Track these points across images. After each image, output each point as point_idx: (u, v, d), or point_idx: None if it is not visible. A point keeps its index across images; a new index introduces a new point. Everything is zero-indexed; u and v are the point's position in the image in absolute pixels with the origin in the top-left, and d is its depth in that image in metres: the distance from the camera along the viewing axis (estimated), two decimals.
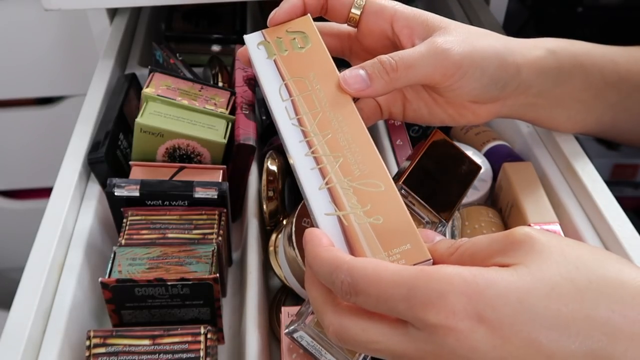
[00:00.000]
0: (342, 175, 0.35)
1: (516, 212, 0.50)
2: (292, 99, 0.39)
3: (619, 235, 0.44)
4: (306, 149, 0.36)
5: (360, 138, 0.36)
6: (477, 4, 0.74)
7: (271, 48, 0.41)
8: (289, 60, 0.40)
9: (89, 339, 0.40)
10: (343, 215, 0.34)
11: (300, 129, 0.37)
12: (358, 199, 0.34)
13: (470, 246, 0.31)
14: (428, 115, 0.46)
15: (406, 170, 0.41)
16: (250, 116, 0.54)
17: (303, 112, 0.38)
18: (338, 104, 0.38)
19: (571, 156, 0.50)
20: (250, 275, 0.46)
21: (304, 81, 0.39)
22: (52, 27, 0.84)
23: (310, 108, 0.38)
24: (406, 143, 0.57)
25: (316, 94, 0.38)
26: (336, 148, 0.36)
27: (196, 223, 0.47)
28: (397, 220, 0.33)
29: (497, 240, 0.31)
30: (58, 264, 0.45)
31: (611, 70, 0.48)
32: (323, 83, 0.39)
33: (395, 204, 0.34)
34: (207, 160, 0.51)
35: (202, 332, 0.41)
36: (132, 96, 0.59)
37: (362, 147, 0.36)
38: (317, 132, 0.37)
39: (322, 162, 0.36)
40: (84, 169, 0.52)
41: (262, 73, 0.40)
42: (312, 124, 0.37)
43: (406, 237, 0.33)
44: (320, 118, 0.37)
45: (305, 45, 0.41)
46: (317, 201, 0.35)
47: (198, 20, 0.75)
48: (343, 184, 0.35)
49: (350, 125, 0.37)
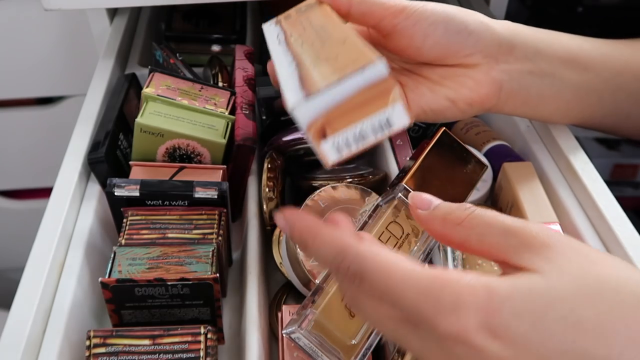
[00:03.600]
0: (311, 50, 0.36)
1: (516, 212, 0.50)
2: (284, 31, 0.41)
3: (619, 235, 0.44)
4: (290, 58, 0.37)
5: (330, 24, 0.38)
6: (477, 4, 0.74)
7: (279, 19, 0.44)
8: (291, 20, 0.43)
9: (89, 339, 0.40)
10: (298, 60, 0.35)
11: (285, 42, 0.39)
12: (316, 51, 0.35)
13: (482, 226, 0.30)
14: (430, 93, 0.45)
15: (410, 170, 0.41)
16: (250, 116, 0.54)
17: (291, 35, 0.40)
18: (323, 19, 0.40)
19: (571, 156, 0.50)
20: (250, 275, 0.46)
21: (298, 22, 0.42)
22: (52, 27, 0.84)
23: (298, 33, 0.40)
24: (406, 143, 0.57)
25: (305, 22, 0.41)
26: (308, 37, 0.38)
27: (196, 223, 0.47)
28: (344, 47, 0.33)
29: (513, 235, 0.29)
30: (58, 264, 0.45)
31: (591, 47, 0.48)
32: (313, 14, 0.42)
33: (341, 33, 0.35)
34: (207, 160, 0.51)
35: (202, 332, 0.41)
36: (132, 96, 0.59)
37: (331, 25, 0.38)
38: (296, 37, 0.39)
39: (297, 55, 0.37)
40: (84, 169, 0.52)
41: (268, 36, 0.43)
42: (295, 38, 0.39)
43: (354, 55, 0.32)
44: (303, 31, 0.40)
45: (309, 9, 0.43)
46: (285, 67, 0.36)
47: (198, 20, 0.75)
48: (306, 52, 0.36)
49: (332, 28, 0.38)
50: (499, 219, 0.30)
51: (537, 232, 0.29)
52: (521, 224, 0.30)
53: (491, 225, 0.30)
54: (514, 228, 0.30)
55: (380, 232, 0.41)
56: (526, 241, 0.29)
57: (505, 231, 0.30)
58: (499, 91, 0.46)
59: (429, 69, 0.45)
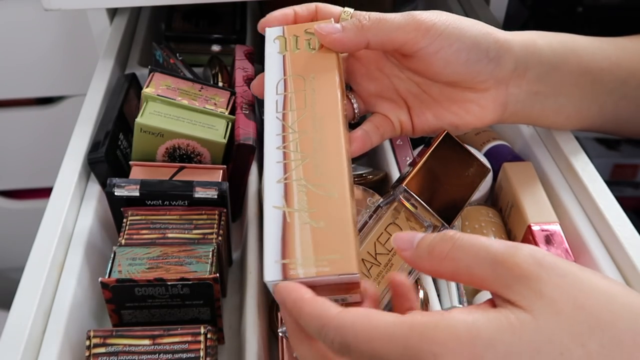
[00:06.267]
0: (302, 174, 0.35)
1: (516, 212, 0.50)
2: (285, 94, 0.39)
3: (619, 235, 0.44)
4: (279, 142, 0.37)
5: (333, 144, 0.37)
6: (477, 4, 0.74)
7: (284, 44, 0.42)
8: (297, 59, 0.41)
9: (89, 338, 0.40)
10: (289, 211, 0.34)
11: (282, 123, 0.38)
12: (308, 200, 0.34)
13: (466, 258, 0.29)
14: (434, 118, 0.45)
15: (411, 172, 0.41)
16: (250, 116, 0.54)
17: (290, 108, 0.39)
18: (326, 107, 0.38)
19: (571, 156, 0.50)
20: (250, 275, 0.46)
21: (302, 80, 0.40)
22: (52, 27, 0.84)
23: (298, 106, 0.39)
24: (406, 143, 0.57)
25: (309, 94, 0.39)
26: (307, 148, 0.37)
27: (196, 223, 0.47)
28: (338, 229, 0.33)
29: (501, 266, 0.28)
30: (58, 264, 0.45)
31: (601, 56, 0.48)
32: (319, 85, 0.39)
33: (342, 213, 0.34)
34: (207, 160, 0.51)
35: (202, 332, 0.41)
36: (132, 96, 0.59)
37: (331, 153, 0.36)
38: (295, 129, 0.38)
39: (289, 157, 0.36)
40: (84, 169, 0.52)
41: (268, 65, 0.41)
42: (293, 121, 0.38)
43: (340, 247, 0.32)
44: (304, 117, 0.38)
45: (317, 47, 0.42)
46: (271, 192, 0.35)
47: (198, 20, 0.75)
48: (300, 182, 0.35)
49: (329, 130, 0.37)
50: (485, 248, 0.29)
51: (525, 260, 0.28)
52: (508, 251, 0.28)
53: (477, 255, 0.29)
54: (501, 257, 0.28)
55: (379, 233, 0.41)
56: (514, 272, 0.28)
57: (492, 261, 0.28)
58: (502, 113, 0.46)
59: (439, 88, 0.45)
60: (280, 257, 0.32)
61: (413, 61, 0.43)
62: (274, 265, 0.32)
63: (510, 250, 0.29)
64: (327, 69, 0.40)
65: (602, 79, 0.48)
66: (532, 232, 0.47)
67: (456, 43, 0.42)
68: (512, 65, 0.44)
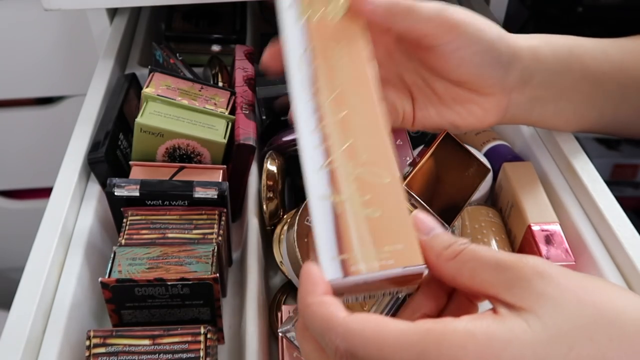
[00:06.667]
0: (347, 158, 0.32)
1: (516, 212, 0.50)
2: (313, 67, 0.36)
3: (619, 235, 0.44)
4: (314, 124, 0.34)
5: (374, 123, 0.34)
6: (477, 4, 0.74)
7: (303, 9, 0.38)
8: (319, 25, 0.37)
9: (89, 339, 0.40)
10: (339, 201, 0.31)
11: (315, 101, 0.35)
12: (358, 187, 0.32)
13: (473, 262, 0.29)
14: (436, 116, 0.45)
15: (411, 172, 0.41)
16: (250, 116, 0.54)
17: (322, 83, 0.35)
18: (360, 83, 0.35)
19: (571, 156, 0.50)
20: (250, 275, 0.46)
21: (330, 50, 0.36)
22: (52, 27, 0.84)
23: (329, 80, 0.35)
24: (406, 143, 0.56)
25: (340, 67, 0.36)
26: (347, 129, 0.33)
27: (196, 223, 0.47)
28: (395, 217, 0.31)
29: (505, 270, 0.28)
30: (58, 264, 0.45)
31: (604, 60, 0.48)
32: (349, 56, 0.36)
33: (396, 199, 0.31)
34: (207, 160, 0.51)
35: (202, 332, 0.41)
36: (132, 96, 0.59)
37: (375, 133, 0.33)
38: (331, 107, 0.34)
39: (328, 140, 0.33)
40: (84, 169, 0.52)
41: (288, 34, 0.37)
42: (327, 98, 0.35)
43: (401, 236, 0.30)
44: (338, 93, 0.35)
45: (340, 12, 0.38)
46: (314, 182, 0.32)
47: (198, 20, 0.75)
48: (346, 168, 0.32)
49: (367, 108, 0.34)
50: (492, 254, 0.29)
51: (528, 264, 0.28)
52: (515, 257, 0.29)
53: (483, 260, 0.29)
54: (506, 262, 0.29)
55: None
56: (518, 274, 0.28)
57: (497, 266, 0.29)
58: (503, 117, 0.46)
59: (444, 86, 0.44)
60: (337, 252, 0.30)
61: (428, 54, 0.43)
62: (331, 262, 0.30)
63: (515, 257, 0.29)
64: (355, 38, 0.37)
65: (604, 83, 0.48)
66: (532, 232, 0.47)
67: (475, 45, 0.41)
68: (518, 73, 0.44)
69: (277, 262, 0.51)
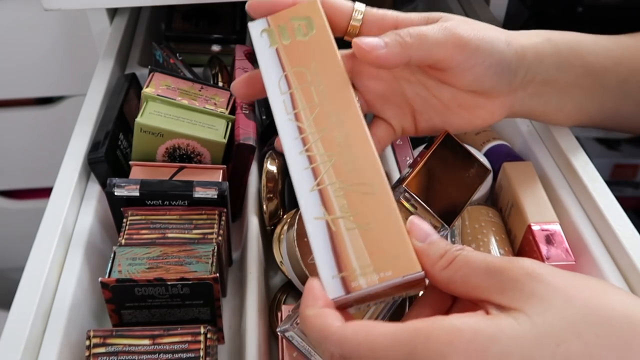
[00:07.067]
0: (335, 176, 0.33)
1: (516, 212, 0.50)
2: (290, 92, 0.37)
3: (619, 235, 0.44)
4: (301, 146, 0.35)
5: (357, 135, 0.34)
6: (477, 4, 0.74)
7: (274, 36, 0.39)
8: (291, 50, 0.38)
9: (89, 338, 0.40)
10: (332, 219, 0.32)
11: (297, 124, 0.35)
12: (348, 203, 0.32)
13: (465, 268, 0.30)
14: (441, 123, 0.44)
15: (411, 173, 0.41)
16: (250, 116, 0.54)
17: (301, 106, 0.36)
18: (338, 98, 0.36)
19: (571, 156, 0.50)
20: (250, 275, 0.46)
21: (304, 72, 0.37)
22: (52, 27, 0.84)
23: (308, 102, 0.36)
24: (406, 143, 0.57)
25: (316, 86, 0.36)
26: (330, 146, 0.34)
27: (196, 223, 0.47)
28: (388, 227, 0.31)
29: (495, 273, 0.29)
30: (58, 264, 0.45)
31: (605, 56, 0.48)
32: (324, 74, 0.37)
33: (387, 209, 0.32)
34: (207, 160, 0.51)
35: (202, 332, 0.41)
36: (132, 96, 0.59)
37: (358, 145, 0.34)
38: (313, 128, 0.35)
39: (315, 161, 0.34)
40: (84, 169, 0.52)
41: (263, 63, 0.38)
42: (308, 120, 0.35)
43: (396, 246, 0.31)
44: (318, 113, 0.35)
45: (309, 32, 0.38)
46: (308, 203, 0.33)
47: (198, 20, 0.75)
48: (334, 185, 0.33)
49: (348, 121, 0.35)
50: (482, 259, 0.30)
51: (518, 266, 0.29)
52: (505, 260, 0.29)
53: (474, 266, 0.30)
54: (498, 266, 0.29)
55: None
56: (508, 276, 0.28)
57: (487, 270, 0.29)
58: (505, 115, 0.46)
59: (451, 93, 0.43)
60: (336, 271, 0.31)
61: (441, 73, 0.42)
62: (332, 281, 0.31)
63: (506, 260, 0.29)
64: (328, 56, 0.37)
65: (605, 78, 0.48)
66: (532, 231, 0.47)
67: (488, 59, 0.41)
68: (523, 73, 0.44)
69: (277, 262, 0.51)
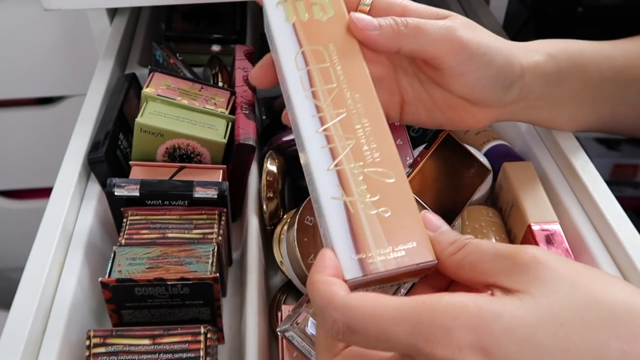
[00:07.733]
0: (353, 159, 0.33)
1: (516, 212, 0.50)
2: (307, 69, 0.36)
3: (619, 235, 0.44)
4: (318, 125, 0.34)
5: (375, 122, 0.34)
6: (477, 4, 0.74)
7: (290, 10, 0.38)
8: (308, 27, 0.38)
9: (89, 338, 0.40)
10: (350, 201, 0.32)
11: (314, 102, 0.35)
12: (367, 187, 0.32)
13: (474, 253, 0.30)
14: (426, 118, 0.45)
15: (411, 173, 0.41)
16: (250, 116, 0.54)
17: (318, 85, 0.36)
18: (356, 83, 0.36)
19: (571, 156, 0.50)
20: (250, 275, 0.46)
21: (322, 52, 0.37)
22: (52, 27, 0.84)
23: (326, 82, 0.36)
24: (406, 143, 0.56)
25: (334, 68, 0.36)
26: (349, 129, 0.34)
27: (196, 223, 0.47)
28: (406, 216, 0.32)
29: (503, 258, 0.29)
30: (58, 264, 0.45)
31: (607, 66, 0.48)
32: (342, 56, 0.37)
33: (405, 198, 0.32)
34: (207, 160, 0.51)
35: (202, 332, 0.41)
36: (132, 96, 0.59)
37: (377, 132, 0.34)
38: (331, 109, 0.35)
39: (333, 141, 0.34)
40: (84, 169, 0.52)
41: (279, 37, 0.38)
42: (326, 100, 0.35)
43: (413, 234, 0.32)
44: (336, 94, 0.35)
45: (327, 14, 0.38)
46: (325, 182, 0.33)
47: (198, 20, 0.75)
48: (353, 168, 0.33)
49: (366, 107, 0.35)
50: (492, 245, 0.30)
51: (527, 252, 0.29)
52: (513, 247, 0.30)
53: (483, 251, 0.30)
54: (506, 252, 0.30)
55: None
56: (516, 262, 0.29)
57: (496, 255, 0.30)
58: (491, 123, 0.46)
59: (442, 94, 0.43)
60: (354, 252, 0.31)
61: (433, 71, 0.42)
62: (350, 261, 0.31)
63: (514, 247, 0.30)
64: (347, 41, 0.37)
65: (604, 88, 0.48)
66: (532, 231, 0.47)
67: (481, 70, 0.41)
68: (517, 92, 0.44)
69: (277, 262, 0.51)
